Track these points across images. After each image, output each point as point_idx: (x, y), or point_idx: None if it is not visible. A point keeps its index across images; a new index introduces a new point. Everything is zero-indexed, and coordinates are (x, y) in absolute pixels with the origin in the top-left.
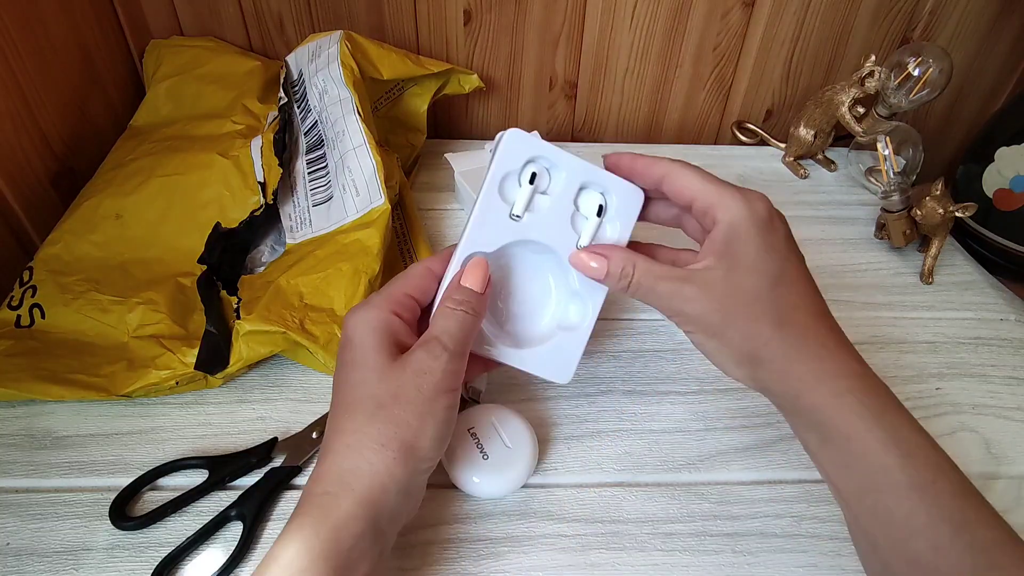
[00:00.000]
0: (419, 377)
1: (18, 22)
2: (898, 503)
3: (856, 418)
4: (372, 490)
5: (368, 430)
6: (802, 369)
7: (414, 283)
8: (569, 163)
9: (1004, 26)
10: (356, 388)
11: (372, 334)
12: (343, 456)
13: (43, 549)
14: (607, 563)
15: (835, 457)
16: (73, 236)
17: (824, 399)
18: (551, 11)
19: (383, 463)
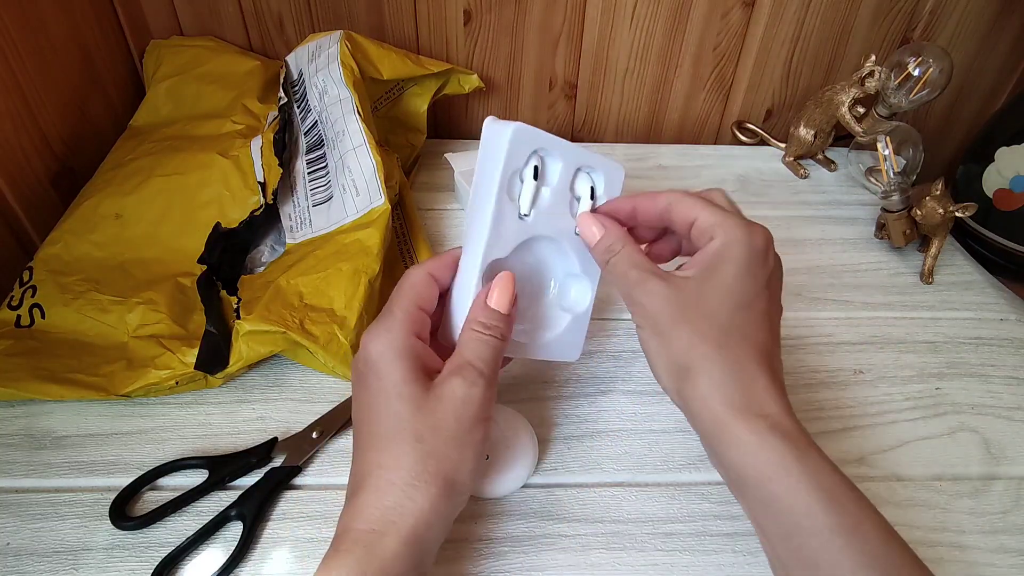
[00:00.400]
0: (458, 407)
1: (18, 22)
2: (823, 547)
3: (777, 456)
4: (417, 528)
5: (409, 465)
6: (727, 395)
7: (423, 294)
8: (566, 150)
9: (1004, 26)
10: (390, 420)
11: (399, 361)
12: (385, 493)
13: (43, 549)
14: (607, 563)
15: (756, 496)
16: (73, 236)
17: (743, 434)
18: (551, 11)
19: (427, 500)
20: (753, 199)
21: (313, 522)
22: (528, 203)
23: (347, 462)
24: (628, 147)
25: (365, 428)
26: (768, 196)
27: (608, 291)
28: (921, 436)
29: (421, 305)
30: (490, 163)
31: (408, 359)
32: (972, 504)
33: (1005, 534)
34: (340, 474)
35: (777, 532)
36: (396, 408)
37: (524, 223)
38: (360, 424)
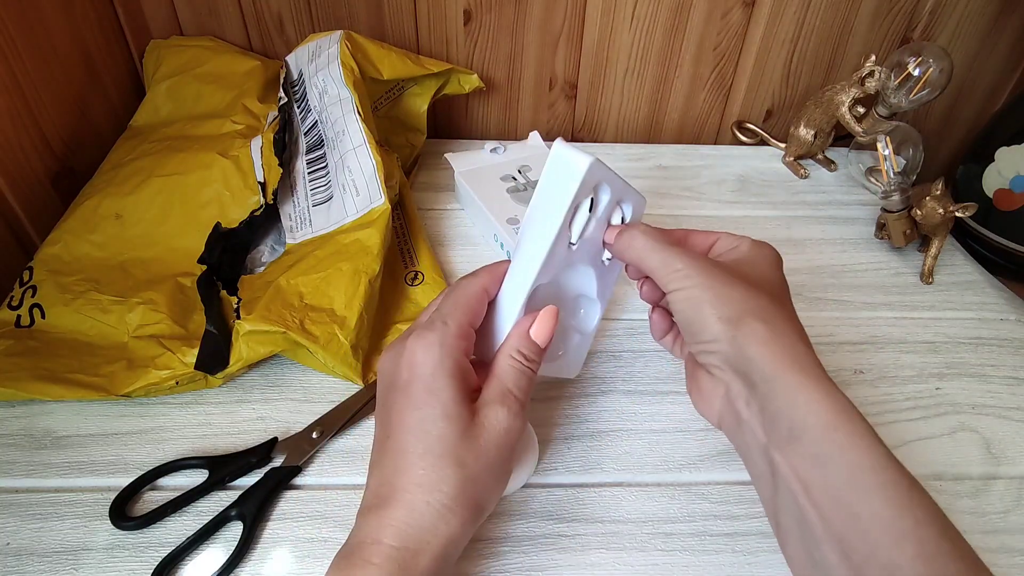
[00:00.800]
0: (501, 437)
1: (18, 22)
2: (884, 504)
3: (841, 410)
4: (447, 548)
5: (448, 489)
6: (788, 344)
7: (475, 310)
8: (614, 182)
9: (1004, 26)
10: (433, 440)
11: (452, 380)
12: (422, 514)
13: (43, 549)
14: (607, 563)
15: (811, 449)
16: (73, 236)
17: (808, 380)
18: (551, 11)
19: (459, 524)
20: (753, 199)
21: (313, 522)
22: (578, 233)
23: (347, 462)
24: (628, 147)
25: (402, 442)
26: (768, 196)
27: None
28: (921, 436)
29: (473, 322)
30: (557, 190)
31: (460, 379)
32: (972, 504)
33: (1006, 534)
34: (340, 474)
35: (829, 486)
36: (442, 429)
37: (570, 251)
38: (395, 435)
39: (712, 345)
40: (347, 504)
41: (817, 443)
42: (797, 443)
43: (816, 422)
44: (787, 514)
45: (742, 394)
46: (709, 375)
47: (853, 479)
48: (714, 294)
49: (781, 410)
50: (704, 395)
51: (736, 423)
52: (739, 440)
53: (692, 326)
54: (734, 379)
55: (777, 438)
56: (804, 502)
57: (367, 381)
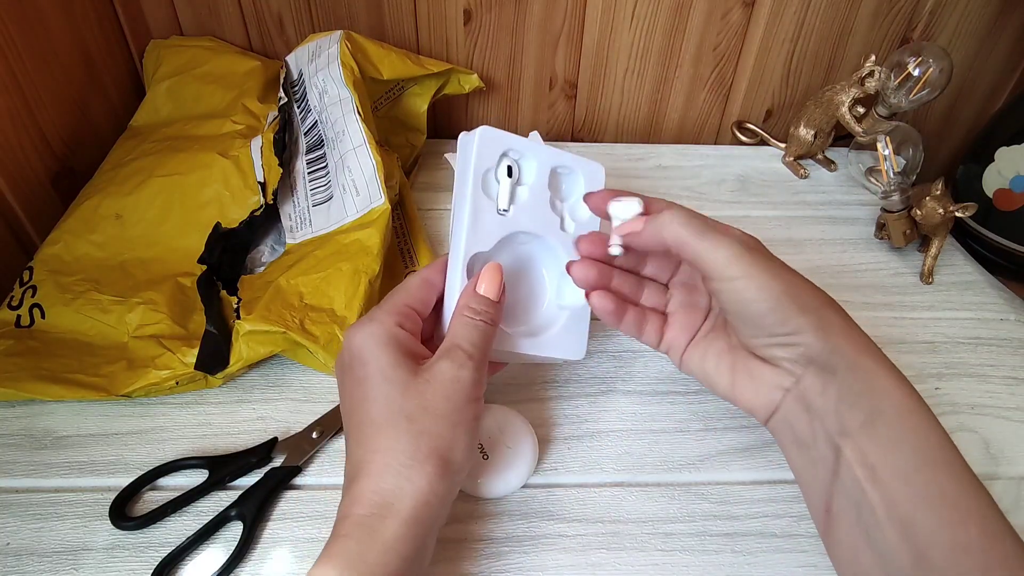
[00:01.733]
0: (447, 387)
1: (18, 22)
2: (955, 481)
3: (913, 393)
4: (417, 509)
5: (403, 447)
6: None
7: (413, 294)
8: (537, 151)
9: (1004, 26)
10: (380, 404)
11: (384, 348)
12: (380, 477)
13: (43, 549)
14: (607, 563)
15: (887, 432)
16: (73, 236)
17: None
18: (551, 11)
19: (425, 479)
20: (753, 199)
21: (313, 522)
22: (506, 200)
23: None
24: (628, 147)
25: (356, 417)
26: (768, 196)
27: None
28: None
29: (409, 303)
30: (463, 165)
31: (393, 347)
32: None
33: None
34: (340, 474)
35: (900, 467)
36: (385, 392)
37: (504, 219)
38: (350, 415)
39: (795, 337)
40: None
41: (893, 425)
42: (872, 426)
43: (896, 403)
44: (846, 499)
45: (816, 384)
46: (771, 367)
47: (923, 459)
48: (787, 285)
49: (861, 395)
50: (759, 387)
51: (802, 413)
52: (798, 430)
53: (764, 318)
54: (808, 370)
55: (851, 424)
56: (869, 486)
57: None
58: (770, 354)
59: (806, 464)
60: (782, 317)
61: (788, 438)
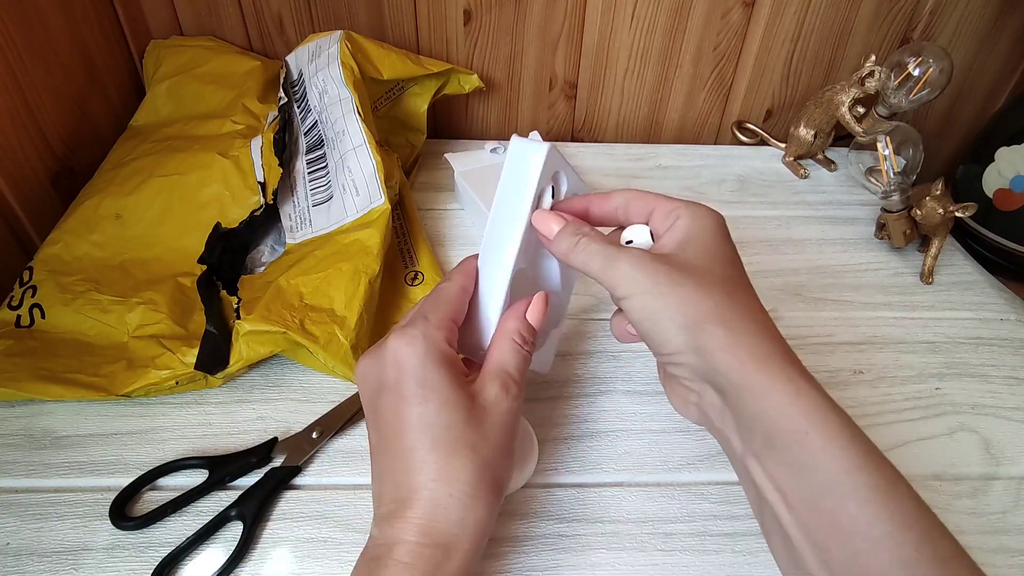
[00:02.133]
0: (504, 418)
1: (18, 22)
2: (860, 509)
3: (815, 410)
4: (478, 539)
5: (467, 477)
6: (752, 344)
7: (456, 307)
8: (571, 174)
9: (1004, 26)
10: (439, 431)
11: (441, 369)
12: (447, 507)
13: (43, 549)
14: (607, 563)
15: (786, 457)
16: (73, 236)
17: (778, 383)
18: (551, 11)
19: (485, 510)
20: (753, 199)
21: (313, 522)
22: None
23: (347, 462)
24: (628, 147)
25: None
26: (768, 196)
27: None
28: (921, 436)
29: (454, 317)
30: (520, 180)
31: (447, 367)
32: (972, 504)
33: (1005, 534)
34: (340, 474)
35: (806, 494)
36: (447, 419)
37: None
38: (398, 435)
39: (676, 357)
40: (347, 504)
41: (791, 450)
42: (772, 451)
43: (788, 427)
44: (769, 522)
45: (715, 404)
46: (678, 383)
47: (828, 485)
48: (666, 300)
49: (754, 417)
50: (680, 400)
51: (714, 430)
52: (721, 444)
53: (651, 337)
54: (705, 388)
55: (753, 447)
56: (782, 511)
57: None
58: (670, 372)
59: (740, 478)
60: (662, 338)
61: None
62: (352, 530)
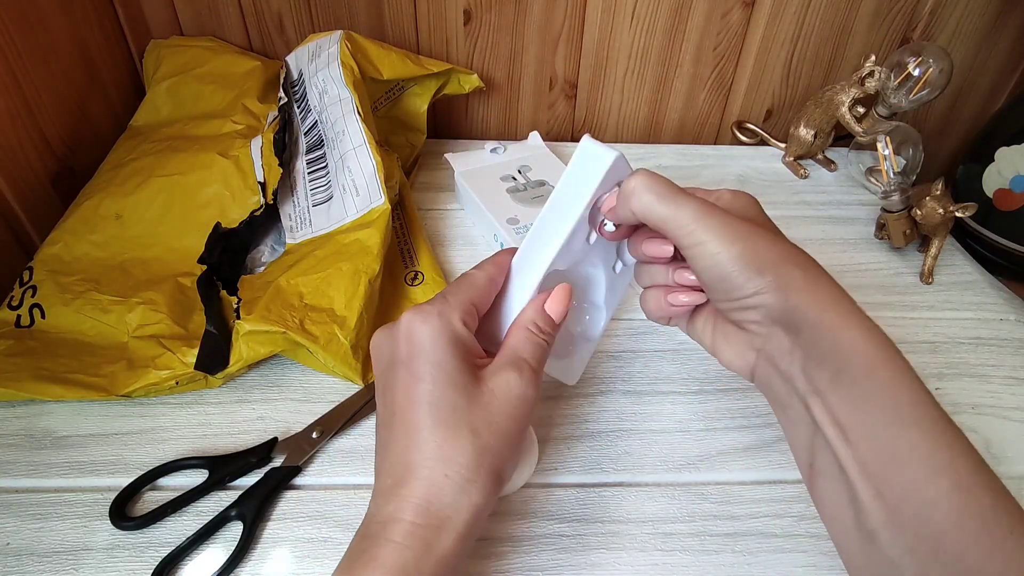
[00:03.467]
0: (513, 404)
1: (18, 22)
2: (922, 437)
3: (884, 346)
4: (469, 524)
5: (465, 460)
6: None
7: (481, 293)
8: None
9: (1004, 26)
10: (443, 410)
11: (452, 348)
12: (441, 488)
13: (43, 549)
14: (607, 563)
15: (854, 390)
16: (73, 236)
17: (852, 320)
18: (551, 11)
19: (481, 496)
20: None
21: (313, 522)
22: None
23: (347, 462)
24: (628, 147)
25: (410, 417)
26: (768, 196)
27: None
28: None
29: (475, 302)
30: (580, 182)
31: (460, 347)
32: None
33: None
34: (340, 474)
35: (868, 425)
36: (452, 399)
37: (586, 246)
38: (404, 411)
39: (754, 299)
40: (347, 504)
41: (859, 382)
42: (839, 385)
43: (860, 361)
44: (822, 461)
45: (783, 344)
46: (741, 331)
47: (893, 415)
48: (744, 245)
49: (826, 353)
50: (735, 349)
51: (774, 374)
52: (775, 390)
53: (727, 281)
54: (774, 331)
55: (819, 383)
56: (841, 447)
57: (367, 381)
58: (737, 317)
59: (787, 423)
60: (740, 280)
61: (769, 397)
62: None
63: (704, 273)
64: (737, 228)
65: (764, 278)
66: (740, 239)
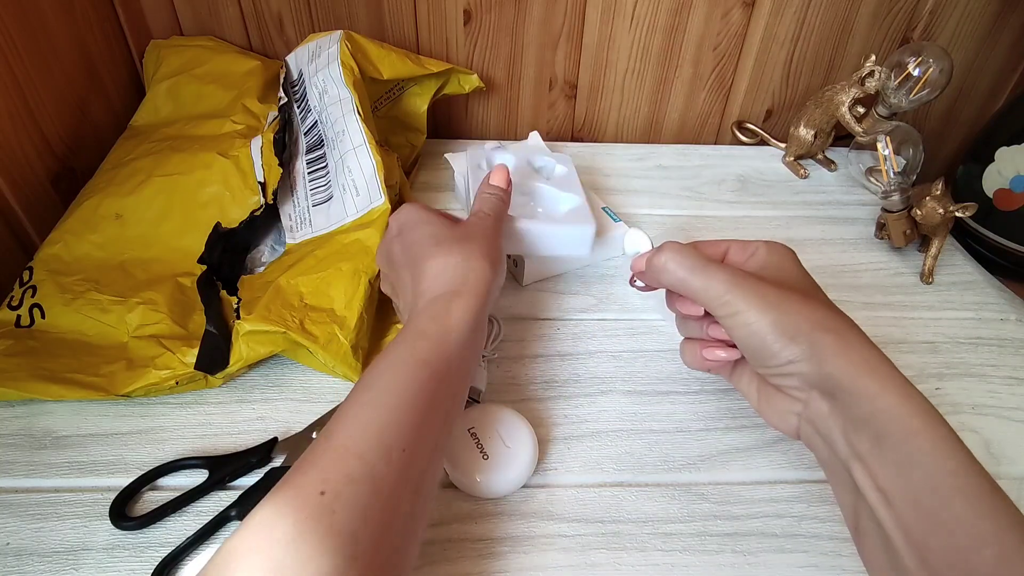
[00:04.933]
0: (481, 220)
1: (18, 22)
2: (966, 507)
3: (924, 412)
4: (479, 286)
5: (458, 257)
6: (862, 349)
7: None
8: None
9: (1004, 26)
10: (430, 239)
11: (429, 213)
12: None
13: (43, 549)
14: (607, 563)
15: (894, 456)
16: (73, 236)
17: (889, 386)
18: (551, 11)
19: (482, 270)
20: (753, 199)
21: None
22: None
23: None
24: (628, 147)
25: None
26: (768, 196)
27: (603, 292)
28: None
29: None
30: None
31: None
32: None
33: None
34: None
35: (911, 492)
36: (432, 231)
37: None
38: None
39: (789, 367)
40: None
41: (900, 449)
42: (879, 451)
43: (899, 427)
44: (867, 523)
45: (822, 409)
46: (783, 394)
47: (935, 484)
48: (777, 313)
49: (864, 419)
50: (779, 413)
51: (816, 437)
52: (820, 452)
53: (762, 350)
54: (812, 396)
55: (860, 448)
56: (884, 512)
57: None
58: (776, 382)
59: (834, 483)
60: (774, 349)
61: (817, 457)
62: None
63: (741, 341)
64: (769, 296)
65: (798, 346)
66: (772, 307)
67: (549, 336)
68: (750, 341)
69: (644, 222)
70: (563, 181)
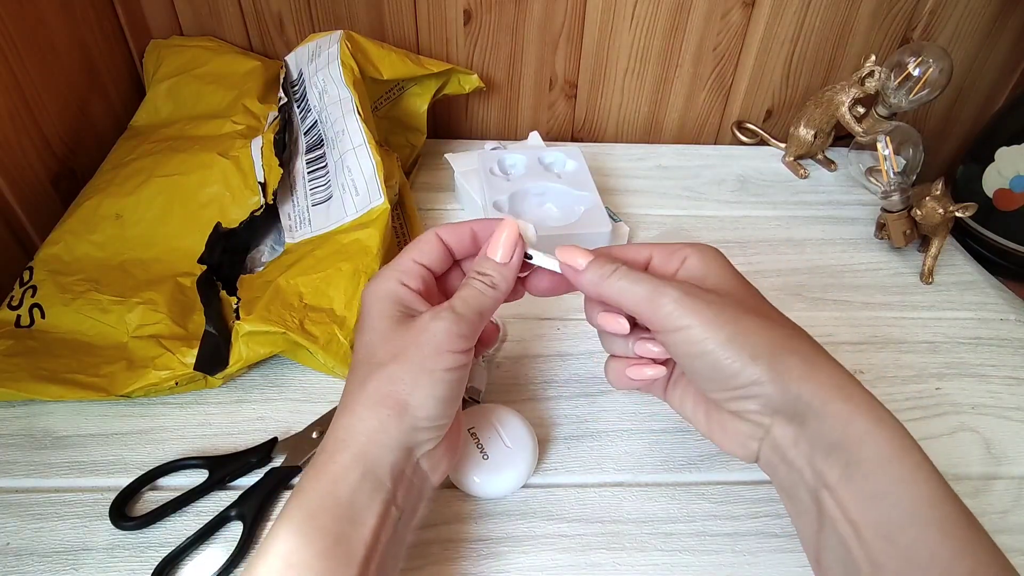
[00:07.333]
0: (419, 336)
1: (18, 22)
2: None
3: (897, 439)
4: (366, 445)
5: (366, 389)
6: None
7: (421, 249)
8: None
9: (1004, 26)
10: (362, 352)
11: (379, 302)
12: (340, 417)
13: (43, 549)
14: (607, 563)
15: (865, 486)
16: (73, 236)
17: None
18: (551, 11)
19: (377, 419)
20: (753, 199)
21: None
22: None
23: None
24: (628, 147)
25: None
26: (768, 196)
27: None
28: (921, 436)
29: (418, 259)
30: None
31: (386, 301)
32: (972, 504)
33: (1006, 534)
34: None
35: (883, 525)
36: (368, 339)
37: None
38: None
39: (751, 389)
40: None
41: (872, 478)
42: (849, 480)
43: (871, 455)
44: (831, 555)
45: (787, 435)
46: (741, 420)
47: (911, 515)
48: (735, 330)
49: (834, 445)
50: (735, 439)
51: (779, 464)
52: (782, 480)
53: (717, 370)
54: (776, 421)
55: (829, 477)
56: (853, 544)
57: None
58: (734, 408)
59: (795, 514)
60: (734, 368)
61: (776, 484)
62: None
63: (686, 361)
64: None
65: (757, 366)
66: (728, 323)
67: (549, 336)
68: (701, 360)
69: (644, 222)
70: (575, 178)
